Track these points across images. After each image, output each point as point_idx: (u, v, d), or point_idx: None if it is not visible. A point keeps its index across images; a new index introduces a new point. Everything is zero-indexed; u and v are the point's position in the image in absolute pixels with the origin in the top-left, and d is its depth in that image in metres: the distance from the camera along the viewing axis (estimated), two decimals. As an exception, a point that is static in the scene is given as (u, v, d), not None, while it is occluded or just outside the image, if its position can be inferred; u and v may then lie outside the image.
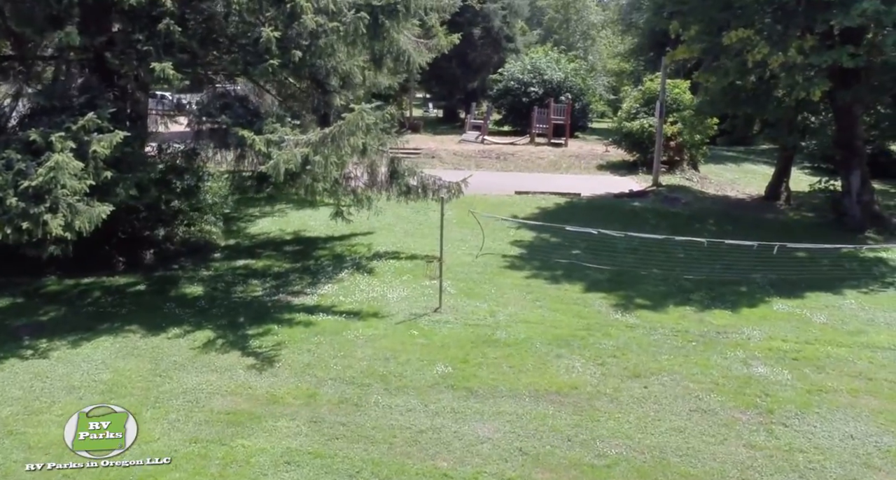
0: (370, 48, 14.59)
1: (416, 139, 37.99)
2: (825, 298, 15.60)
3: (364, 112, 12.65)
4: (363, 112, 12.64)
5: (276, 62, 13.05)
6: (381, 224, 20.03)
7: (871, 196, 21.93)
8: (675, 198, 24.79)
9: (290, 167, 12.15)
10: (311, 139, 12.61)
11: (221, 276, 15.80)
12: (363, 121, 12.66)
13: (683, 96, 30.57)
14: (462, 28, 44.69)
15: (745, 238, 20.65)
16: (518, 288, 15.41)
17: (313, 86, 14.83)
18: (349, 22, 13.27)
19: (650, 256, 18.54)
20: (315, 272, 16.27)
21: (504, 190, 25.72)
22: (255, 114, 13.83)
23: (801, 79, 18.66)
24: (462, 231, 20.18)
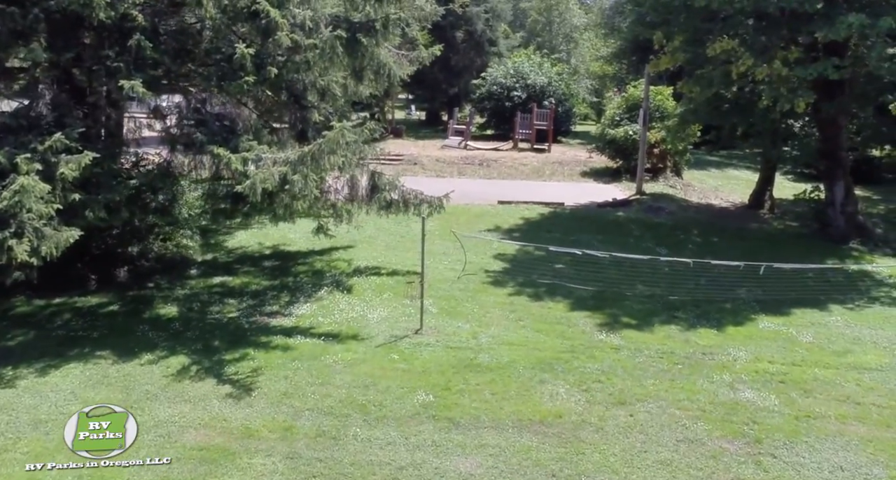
0: (349, 64, 14.24)
1: (398, 145, 37.68)
2: (811, 315, 15.44)
3: (345, 130, 12.33)
4: (343, 130, 12.31)
5: (252, 79, 12.70)
6: (363, 236, 19.68)
7: (854, 206, 21.85)
8: (659, 208, 24.63)
9: (267, 187, 11.80)
10: (290, 158, 12.27)
11: (197, 295, 15.40)
12: (343, 139, 12.32)
13: (666, 103, 30.41)
14: (444, 31, 44.54)
15: (730, 249, 20.65)
16: (501, 307, 15.13)
17: (290, 100, 14.45)
18: (326, 39, 12.92)
19: (635, 271, 18.31)
20: (294, 290, 15.91)
21: (487, 199, 25.45)
22: (231, 130, 13.47)
23: (785, 90, 18.49)
24: (444, 244, 19.87)
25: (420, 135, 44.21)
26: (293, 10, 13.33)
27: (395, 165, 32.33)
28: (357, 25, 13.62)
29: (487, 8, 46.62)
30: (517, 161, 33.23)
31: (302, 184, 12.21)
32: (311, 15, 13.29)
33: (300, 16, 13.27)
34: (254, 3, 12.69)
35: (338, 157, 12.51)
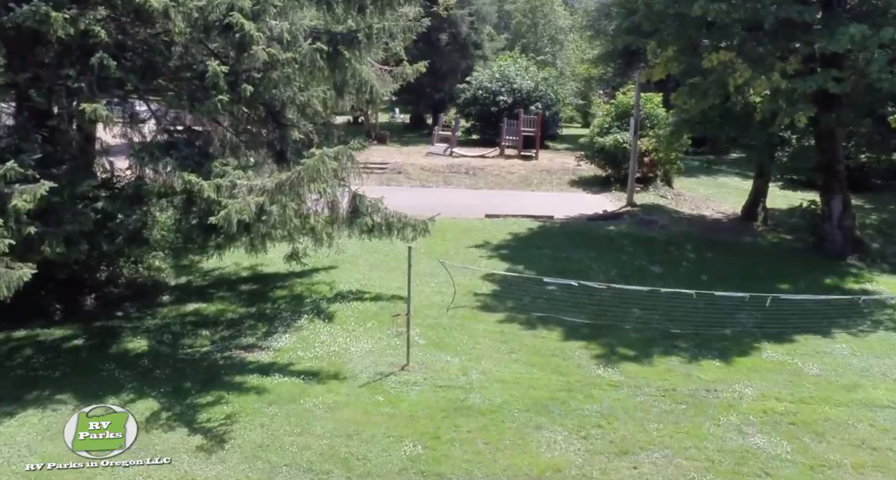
0: (330, 79, 13.39)
1: (383, 152, 36.84)
2: (815, 343, 14.76)
3: (325, 157, 11.46)
4: (324, 157, 11.44)
5: (225, 97, 11.81)
6: (345, 256, 18.70)
7: (852, 221, 21.23)
8: (651, 221, 23.91)
9: (242, 218, 10.92)
10: (267, 186, 11.39)
11: (169, 326, 14.48)
12: (325, 166, 11.46)
13: (657, 111, 29.72)
14: (428, 35, 43.54)
15: (725, 266, 20.00)
16: (492, 337, 14.32)
17: (268, 118, 13.56)
18: (305, 53, 12.05)
19: (630, 291, 17.57)
20: (272, 318, 15.03)
21: (474, 212, 24.64)
22: (203, 153, 12.57)
23: (784, 103, 17.81)
24: (430, 263, 18.98)
25: (405, 140, 43.35)
26: (270, 22, 12.46)
27: (379, 174, 31.50)
28: (339, 37, 12.76)
29: (472, 10, 45.76)
30: (504, 169, 32.44)
31: (280, 214, 11.35)
32: (288, 27, 12.40)
33: (277, 28, 12.40)
34: (226, 15, 11.81)
35: (319, 185, 11.63)
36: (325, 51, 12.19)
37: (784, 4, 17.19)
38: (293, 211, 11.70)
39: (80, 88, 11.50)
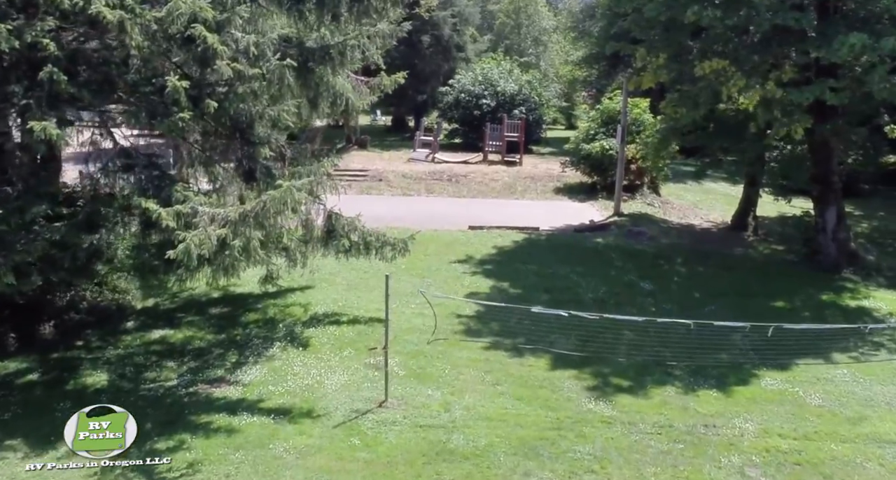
0: (302, 94, 12.53)
1: (363, 157, 35.92)
2: (815, 368, 14.07)
3: (293, 189, 10.59)
4: (292, 189, 10.57)
5: (187, 114, 10.88)
6: (322, 273, 17.70)
7: (847, 233, 20.61)
8: (640, 233, 23.18)
9: (202, 253, 10.03)
10: (230, 216, 10.51)
11: (132, 356, 13.56)
12: (292, 197, 10.59)
13: (644, 116, 29.01)
14: (410, 36, 42.66)
15: (717, 281, 19.31)
16: (476, 366, 13.49)
17: (235, 135, 12.66)
18: (273, 69, 11.16)
19: (620, 309, 16.82)
20: (242, 346, 14.14)
21: (457, 222, 23.81)
22: (163, 175, 11.65)
23: (779, 113, 17.11)
24: (412, 280, 18.21)
25: (386, 144, 42.41)
26: (235, 34, 11.54)
27: (359, 182, 30.59)
28: (310, 52, 11.88)
29: (455, 12, 44.87)
30: (487, 176, 31.60)
31: (244, 249, 10.47)
32: (255, 40, 11.49)
33: (243, 41, 11.47)
34: (188, 27, 10.89)
35: (286, 217, 10.76)
36: (293, 66, 11.28)
37: (780, 11, 16.48)
38: (259, 241, 10.81)
39: (29, 106, 10.55)
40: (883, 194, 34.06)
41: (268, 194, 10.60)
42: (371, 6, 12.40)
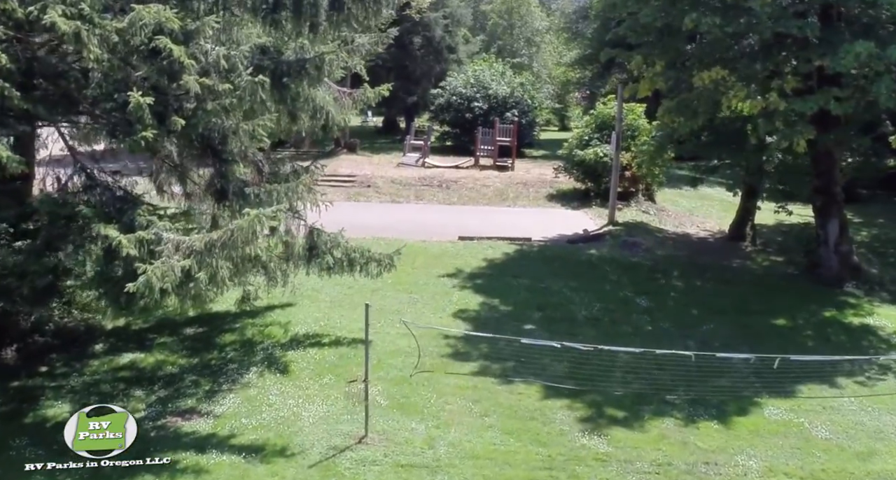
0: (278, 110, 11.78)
1: (352, 161, 35.21)
2: (820, 394, 13.40)
3: (261, 217, 9.84)
4: (260, 217, 9.82)
5: (150, 133, 10.12)
6: (305, 289, 16.95)
7: (849, 246, 19.94)
8: (635, 243, 22.47)
9: (165, 286, 9.28)
10: (195, 245, 9.75)
11: (98, 384, 12.78)
12: (261, 226, 9.85)
13: (639, 122, 28.29)
14: (401, 38, 41.92)
15: (715, 296, 18.61)
16: (463, 394, 12.76)
17: (207, 152, 11.90)
18: (245, 85, 10.40)
19: (615, 328, 16.15)
20: (216, 371, 13.37)
21: (446, 233, 23.07)
22: (126, 197, 10.88)
23: (781, 124, 16.42)
24: (398, 296, 17.49)
25: (376, 146, 41.69)
26: (204, 46, 10.78)
27: (347, 188, 29.86)
28: (285, 66, 11.12)
29: (447, 13, 44.11)
30: (479, 182, 30.88)
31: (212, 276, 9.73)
32: (225, 52, 10.73)
33: (213, 54, 10.71)
34: (152, 39, 10.13)
35: (255, 247, 10.03)
36: (267, 83, 10.52)
37: (782, 18, 15.79)
38: (228, 270, 10.06)
39: (-23, 123, 9.80)
40: (882, 199, 33.40)
41: (235, 223, 9.84)
42: (352, 15, 11.65)
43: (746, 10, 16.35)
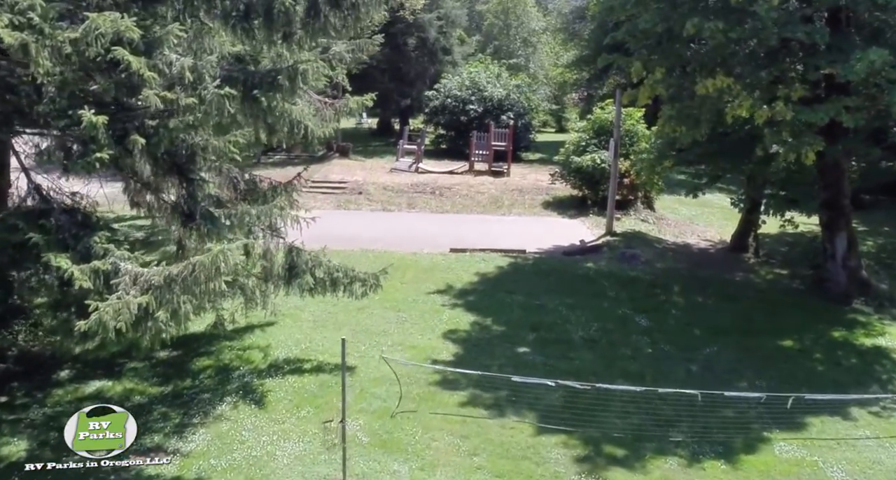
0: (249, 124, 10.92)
1: (344, 166, 34.36)
2: (833, 427, 12.56)
3: (226, 253, 8.98)
4: (225, 253, 8.96)
5: (105, 155, 9.25)
6: (287, 307, 16.06)
7: (857, 260, 19.10)
8: (634, 256, 21.62)
9: (120, 325, 8.42)
10: (153, 279, 8.88)
11: (60, 417, 11.83)
12: (227, 262, 8.99)
13: (638, 127, 27.46)
14: (395, 39, 41.11)
15: (719, 314, 17.78)
16: (450, 429, 11.89)
17: (173, 171, 11.03)
18: (211, 99, 9.52)
19: (612, 351, 15.32)
20: (188, 402, 12.51)
21: (438, 243, 22.22)
22: (83, 223, 10.00)
23: (788, 136, 15.57)
24: (385, 314, 16.64)
25: (370, 150, 40.81)
26: (168, 57, 9.89)
27: (337, 195, 29.01)
28: (255, 77, 10.24)
29: (441, 14, 43.23)
30: (473, 189, 30.02)
31: (173, 313, 8.87)
32: (191, 63, 9.85)
33: (178, 65, 9.82)
34: (109, 50, 9.26)
35: (220, 282, 9.17)
36: (234, 96, 9.64)
37: (789, 24, 14.95)
38: (192, 305, 9.20)
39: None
40: (886, 206, 32.45)
41: (196, 259, 8.98)
42: (329, 24, 10.77)
43: (751, 15, 15.49)
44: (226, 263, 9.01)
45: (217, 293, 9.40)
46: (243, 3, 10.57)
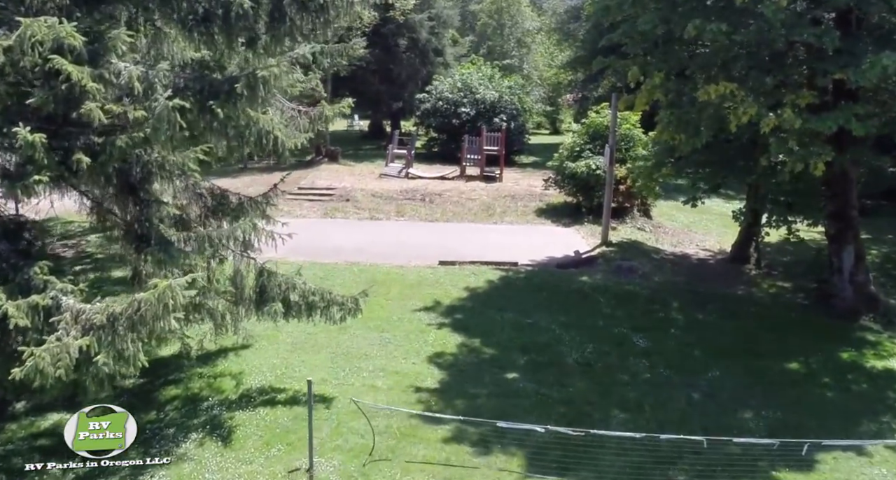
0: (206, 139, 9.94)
1: (332, 172, 33.48)
2: (846, 465, 11.61)
3: (175, 288, 8.01)
4: (173, 288, 7.99)
5: (45, 177, 8.28)
6: (263, 327, 15.08)
7: (866, 275, 18.17)
8: (630, 268, 20.66)
9: (58, 373, 7.45)
10: (95, 318, 7.91)
11: (9, 458, 10.94)
12: (176, 299, 8.02)
13: (634, 132, 26.54)
14: (385, 40, 40.17)
15: (720, 333, 16.86)
16: (432, 471, 10.91)
17: (125, 190, 10.04)
18: (160, 112, 8.53)
19: (609, 377, 14.38)
20: (150, 438, 11.48)
21: (427, 255, 21.26)
22: (25, 251, 9.03)
23: (795, 144, 14.64)
24: (368, 335, 15.68)
25: (361, 154, 39.91)
26: (116, 66, 8.90)
27: (324, 202, 28.04)
28: (214, 86, 9.26)
29: (432, 14, 42.25)
30: (464, 195, 29.07)
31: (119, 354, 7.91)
32: (140, 72, 8.86)
33: (126, 74, 8.83)
34: (47, 59, 8.28)
35: (169, 321, 8.20)
36: (187, 108, 8.65)
37: (797, 26, 14.02)
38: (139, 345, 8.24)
39: None
40: (888, 211, 31.51)
41: (141, 296, 8.01)
42: (296, 27, 9.79)
43: (757, 16, 14.57)
44: (174, 300, 8.03)
45: (168, 331, 8.41)
46: (202, 6, 9.58)
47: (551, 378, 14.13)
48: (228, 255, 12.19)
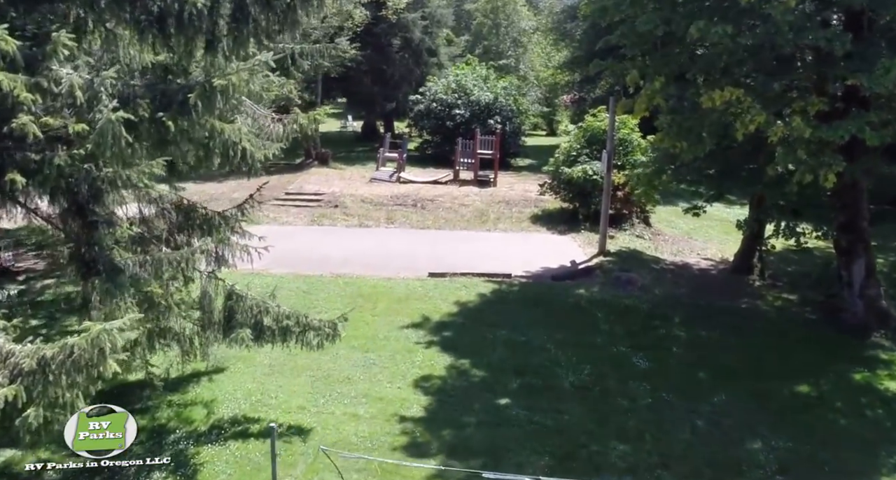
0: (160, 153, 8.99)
1: (322, 176, 32.46)
2: (865, 504, 10.70)
3: (111, 332, 7.08)
4: (109, 332, 7.06)
5: (-27, 199, 7.32)
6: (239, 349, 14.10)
7: (877, 289, 17.25)
8: (629, 280, 19.71)
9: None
10: (24, 362, 6.97)
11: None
12: (112, 343, 7.08)
13: (633, 136, 25.61)
14: (378, 39, 39.20)
15: (725, 352, 15.93)
16: (416, 515, 10.02)
17: (71, 210, 9.08)
18: (102, 126, 7.56)
19: (607, 402, 13.46)
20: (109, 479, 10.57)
21: (416, 266, 20.32)
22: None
23: (805, 154, 13.72)
24: (351, 356, 14.75)
25: (353, 156, 38.86)
26: (57, 73, 7.93)
27: (312, 209, 27.07)
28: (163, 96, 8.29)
29: (426, 13, 41.24)
30: (457, 200, 28.09)
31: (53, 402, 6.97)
32: (83, 81, 7.89)
33: (67, 83, 7.85)
34: (-27, 67, 7.33)
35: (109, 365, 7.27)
36: (133, 121, 7.69)
37: (805, 30, 13.10)
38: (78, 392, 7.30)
39: None
40: (891, 216, 30.62)
41: (73, 340, 7.07)
42: (260, 29, 8.82)
43: (764, 19, 13.66)
44: (112, 344, 7.08)
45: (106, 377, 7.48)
46: (156, 5, 8.61)
47: (546, 403, 13.20)
48: (195, 276, 11.22)
